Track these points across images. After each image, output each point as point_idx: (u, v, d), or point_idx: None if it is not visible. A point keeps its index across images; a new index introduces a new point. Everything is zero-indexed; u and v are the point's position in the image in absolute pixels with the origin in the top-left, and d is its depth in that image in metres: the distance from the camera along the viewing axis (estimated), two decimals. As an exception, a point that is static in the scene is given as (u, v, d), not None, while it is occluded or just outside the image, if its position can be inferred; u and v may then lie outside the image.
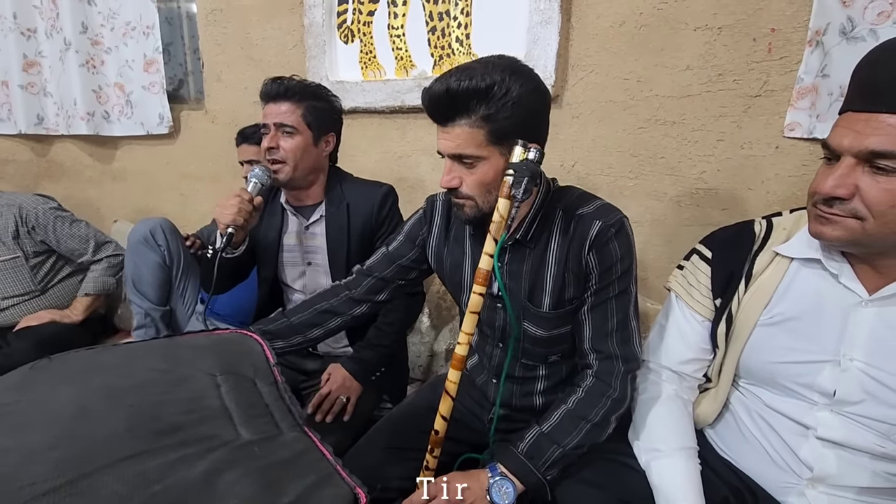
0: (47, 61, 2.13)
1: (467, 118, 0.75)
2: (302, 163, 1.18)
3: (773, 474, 0.79)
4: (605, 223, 0.81)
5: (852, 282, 0.72)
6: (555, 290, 0.86)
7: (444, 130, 0.78)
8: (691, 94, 1.26)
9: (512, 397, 0.99)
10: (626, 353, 0.85)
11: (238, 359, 0.86)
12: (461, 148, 0.77)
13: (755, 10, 1.16)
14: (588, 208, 0.85)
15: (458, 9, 1.53)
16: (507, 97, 0.73)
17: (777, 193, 1.21)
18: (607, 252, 0.82)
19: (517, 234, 0.87)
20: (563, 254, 0.85)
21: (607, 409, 0.82)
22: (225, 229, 1.08)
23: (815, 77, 1.10)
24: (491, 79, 0.72)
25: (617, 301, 0.85)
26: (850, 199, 0.65)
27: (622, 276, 0.84)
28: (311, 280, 1.29)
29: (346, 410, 1.16)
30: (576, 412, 0.82)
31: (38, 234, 1.63)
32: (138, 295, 1.50)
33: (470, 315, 0.77)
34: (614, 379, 0.84)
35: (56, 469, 0.55)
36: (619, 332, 0.85)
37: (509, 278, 0.90)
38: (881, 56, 0.66)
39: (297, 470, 0.60)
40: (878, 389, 0.69)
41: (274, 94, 1.16)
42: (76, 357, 0.82)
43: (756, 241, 0.83)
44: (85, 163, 2.32)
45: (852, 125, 0.65)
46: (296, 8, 1.74)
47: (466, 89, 0.73)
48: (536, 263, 0.87)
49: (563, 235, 0.85)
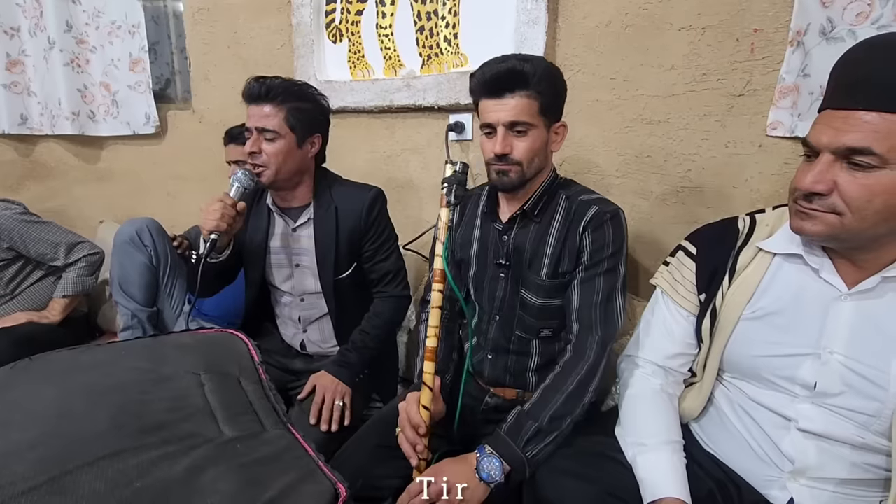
0: (31, 60, 2.10)
1: (526, 90, 0.89)
2: (285, 166, 1.16)
3: (757, 467, 0.80)
4: (601, 209, 0.95)
5: (832, 276, 0.73)
6: (552, 261, 0.96)
7: (500, 102, 0.90)
8: (676, 94, 1.28)
9: (506, 373, 1.03)
10: (606, 325, 0.91)
11: (223, 358, 0.86)
12: (519, 115, 0.90)
13: (738, 11, 1.17)
14: (589, 196, 0.98)
15: (446, 8, 1.53)
16: (552, 79, 0.92)
17: (760, 191, 1.22)
18: (601, 233, 0.93)
19: (525, 205, 0.98)
20: (563, 231, 0.96)
21: (581, 377, 0.87)
22: (208, 235, 1.07)
23: (797, 77, 1.12)
24: (543, 64, 0.91)
25: (605, 277, 0.93)
26: (828, 194, 0.66)
27: (612, 256, 0.93)
28: (298, 282, 1.29)
29: (346, 415, 1.14)
30: (552, 385, 0.88)
31: (4, 240, 1.58)
32: (125, 296, 1.48)
33: (433, 310, 0.88)
34: (589, 347, 0.89)
35: (36, 468, 0.55)
36: (604, 304, 0.92)
37: (513, 249, 1.00)
38: (858, 55, 0.67)
39: (280, 466, 0.60)
40: (856, 381, 0.70)
41: (256, 95, 1.12)
42: (58, 357, 0.82)
43: (740, 237, 0.84)
44: (70, 163, 2.29)
45: (831, 122, 0.66)
46: (284, 7, 1.74)
47: (530, 69, 0.88)
48: (539, 236, 0.98)
49: (565, 215, 0.97)
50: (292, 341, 1.36)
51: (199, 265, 1.07)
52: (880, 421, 0.69)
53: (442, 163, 1.57)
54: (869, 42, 0.68)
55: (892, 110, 0.61)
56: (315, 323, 1.32)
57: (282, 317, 1.36)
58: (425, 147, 1.65)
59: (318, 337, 1.33)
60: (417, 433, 0.87)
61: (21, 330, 1.52)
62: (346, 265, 1.25)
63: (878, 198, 0.63)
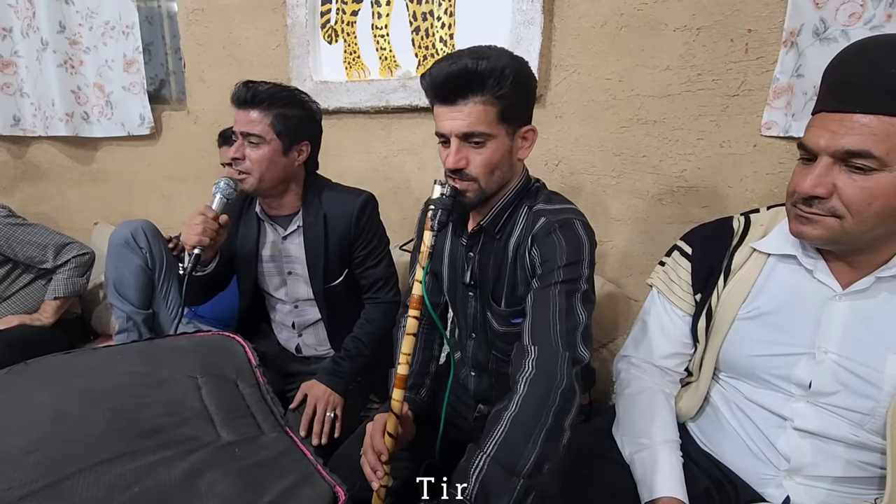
0: (24, 61, 2.08)
1: (482, 95, 0.77)
2: (268, 173, 1.13)
3: (753, 466, 0.80)
4: (549, 219, 0.83)
5: (826, 276, 0.74)
6: (509, 286, 0.88)
7: (454, 109, 0.78)
8: (671, 94, 1.28)
9: (491, 390, 1.00)
10: (570, 343, 0.75)
11: (220, 361, 0.85)
12: (474, 125, 0.78)
13: (732, 12, 1.18)
14: (545, 206, 0.86)
15: (442, 9, 1.53)
16: (516, 78, 0.77)
17: (755, 190, 1.23)
18: (549, 243, 0.81)
19: (483, 222, 0.89)
20: (516, 248, 0.87)
21: (558, 407, 0.69)
22: (192, 250, 1.05)
23: (791, 77, 1.13)
24: (503, 61, 0.76)
25: (561, 289, 0.78)
26: (828, 197, 0.66)
27: (566, 267, 0.79)
28: (292, 289, 1.28)
29: (336, 427, 1.13)
30: (522, 417, 0.69)
31: None
32: (120, 299, 1.47)
33: (407, 337, 0.79)
34: (559, 366, 0.72)
35: (33, 473, 0.55)
36: (563, 321, 0.76)
37: (479, 268, 0.91)
38: (852, 57, 0.67)
39: (278, 470, 0.60)
40: (851, 380, 0.71)
41: (242, 100, 1.11)
42: (53, 361, 0.81)
43: (735, 237, 0.84)
44: (64, 164, 2.28)
45: (827, 125, 0.66)
46: (279, 7, 1.73)
47: (485, 69, 0.75)
48: (500, 256, 0.89)
49: (521, 231, 0.87)
50: (288, 345, 1.36)
51: (185, 279, 1.06)
52: (875, 419, 0.69)
53: (438, 163, 1.58)
54: (861, 44, 0.68)
55: (889, 113, 0.61)
56: (310, 328, 1.32)
57: (277, 321, 1.36)
58: (421, 148, 1.65)
59: (314, 341, 1.33)
60: (379, 459, 0.81)
61: (13, 333, 1.51)
62: (338, 272, 1.24)
63: (877, 200, 0.64)
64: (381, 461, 0.80)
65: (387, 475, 0.81)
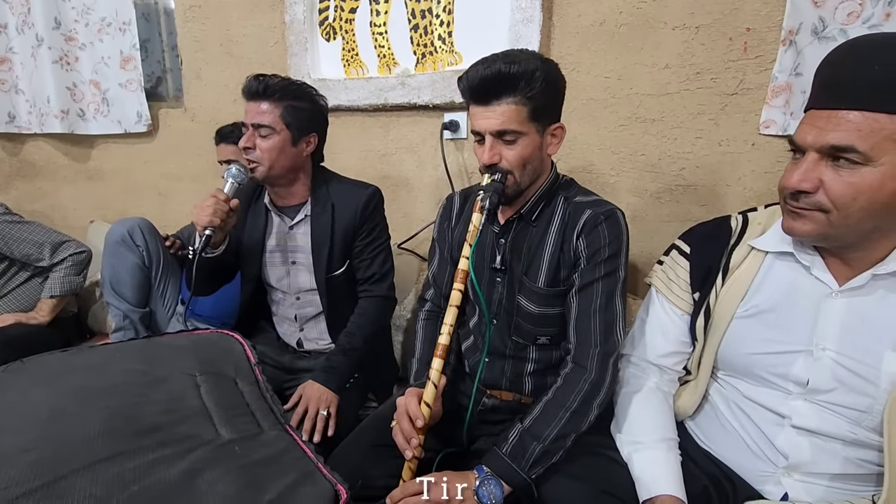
0: (18, 58, 2.07)
1: (514, 96, 0.84)
2: (278, 163, 1.16)
3: (751, 463, 0.81)
4: (595, 212, 0.91)
5: (823, 273, 0.74)
6: (550, 267, 0.94)
7: (487, 109, 0.85)
8: (670, 93, 1.28)
9: (502, 376, 1.02)
10: (606, 335, 0.87)
11: (219, 359, 0.85)
12: (506, 124, 0.85)
13: (731, 10, 1.18)
14: (585, 199, 0.95)
15: (441, 6, 1.53)
16: (546, 80, 0.84)
17: (753, 189, 1.24)
18: (595, 236, 0.89)
19: (522, 210, 0.95)
20: (560, 237, 0.93)
21: (585, 394, 0.83)
22: (202, 231, 1.07)
23: (789, 75, 1.13)
24: (534, 64, 0.83)
25: (603, 282, 0.89)
26: (814, 192, 0.67)
27: (609, 259, 0.89)
28: (294, 280, 1.28)
29: (330, 425, 1.12)
30: (555, 401, 0.84)
31: None
32: (116, 297, 1.46)
33: (451, 308, 0.86)
34: (590, 361, 0.86)
35: (30, 472, 0.54)
36: (602, 313, 0.88)
37: (510, 252, 0.97)
38: (841, 56, 0.68)
39: (278, 468, 0.60)
40: (848, 377, 0.71)
41: (254, 91, 1.14)
42: (50, 359, 0.81)
43: (733, 235, 0.85)
44: (59, 162, 2.26)
45: (815, 122, 0.67)
46: (276, 5, 1.72)
47: (517, 72, 0.82)
48: (537, 240, 0.95)
49: (562, 220, 0.94)
50: (289, 339, 1.36)
51: (195, 259, 1.07)
52: (872, 416, 0.70)
53: (437, 161, 1.58)
54: (850, 43, 0.69)
55: (874, 109, 0.62)
56: (312, 321, 1.32)
57: (278, 315, 1.36)
58: (420, 145, 1.65)
59: (316, 334, 1.33)
60: (414, 426, 0.84)
61: (9, 331, 1.50)
62: (340, 262, 1.25)
63: (862, 195, 0.64)
64: (416, 427, 0.84)
65: (420, 445, 0.84)
